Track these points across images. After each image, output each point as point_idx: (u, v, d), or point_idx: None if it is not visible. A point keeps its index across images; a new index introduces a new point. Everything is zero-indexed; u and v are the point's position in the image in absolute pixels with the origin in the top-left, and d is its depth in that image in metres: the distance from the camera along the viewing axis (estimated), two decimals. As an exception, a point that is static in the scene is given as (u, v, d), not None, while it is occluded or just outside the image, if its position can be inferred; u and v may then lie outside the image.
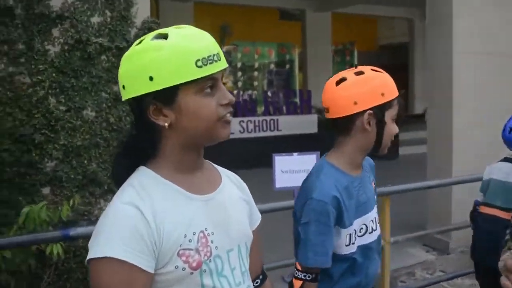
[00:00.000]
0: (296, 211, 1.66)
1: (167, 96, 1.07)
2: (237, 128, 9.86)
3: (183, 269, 1.07)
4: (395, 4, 13.48)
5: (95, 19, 3.18)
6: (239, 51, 15.16)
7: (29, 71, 3.02)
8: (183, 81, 1.06)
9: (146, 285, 1.04)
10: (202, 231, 1.12)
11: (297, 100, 11.28)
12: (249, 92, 12.07)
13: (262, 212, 1.44)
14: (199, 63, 1.06)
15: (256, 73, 15.81)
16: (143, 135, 1.14)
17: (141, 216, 1.04)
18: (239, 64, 15.29)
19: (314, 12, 12.93)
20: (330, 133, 1.77)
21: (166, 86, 1.06)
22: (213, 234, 1.14)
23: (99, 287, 1.01)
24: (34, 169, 3.01)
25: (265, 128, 10.15)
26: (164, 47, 1.07)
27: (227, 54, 14.99)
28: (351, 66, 1.75)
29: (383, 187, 3.30)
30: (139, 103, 1.10)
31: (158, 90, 1.06)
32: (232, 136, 6.26)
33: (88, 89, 3.15)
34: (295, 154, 4.09)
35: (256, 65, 15.67)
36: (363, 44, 16.58)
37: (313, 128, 10.47)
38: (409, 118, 12.27)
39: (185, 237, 1.08)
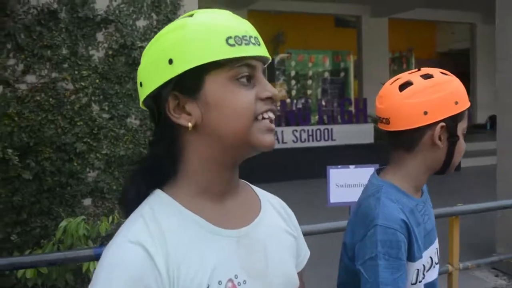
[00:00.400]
0: (350, 244, 1.33)
1: (191, 84, 0.83)
2: (290, 137, 9.61)
3: None
4: (456, 8, 12.86)
5: (141, 23, 3.03)
6: (293, 59, 14.95)
7: (73, 77, 2.90)
8: (210, 60, 0.81)
9: None
10: (230, 280, 0.84)
11: (352, 109, 10.89)
12: (303, 100, 11.78)
13: (312, 234, 1.15)
14: (231, 41, 0.82)
15: (310, 82, 15.53)
16: (160, 145, 0.88)
17: (150, 261, 0.78)
18: (292, 73, 15.08)
19: (370, 18, 12.54)
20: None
21: (189, 68, 0.81)
22: (245, 283, 0.86)
23: None
24: (75, 179, 2.87)
25: (319, 138, 9.83)
26: (189, 24, 0.84)
27: (280, 63, 14.85)
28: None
29: (450, 206, 2.95)
30: (156, 100, 0.86)
31: (180, 77, 0.82)
32: (284, 146, 6.07)
33: (132, 96, 2.99)
34: (351, 166, 3.78)
35: (310, 73, 15.39)
36: (422, 51, 15.92)
37: (369, 138, 10.05)
38: (471, 128, 11.62)
39: (208, 287, 0.82)
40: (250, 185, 1.03)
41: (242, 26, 0.85)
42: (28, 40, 2.81)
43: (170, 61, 0.82)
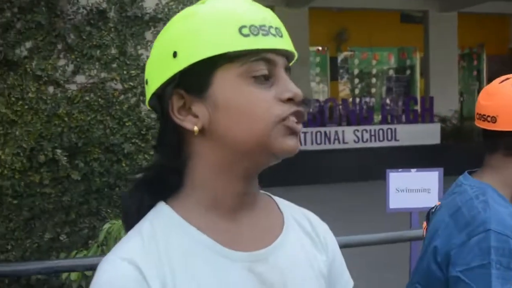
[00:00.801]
0: (443, 248, 1.23)
1: (198, 81, 0.71)
2: (351, 137, 9.35)
3: None
4: (533, 0, 12.04)
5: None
6: (356, 57, 14.61)
7: (121, 77, 2.86)
8: (218, 53, 0.69)
9: None
10: None
11: (418, 107, 10.43)
12: (366, 99, 11.44)
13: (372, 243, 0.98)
14: (245, 31, 0.70)
15: (374, 80, 15.11)
16: (164, 151, 0.77)
17: (143, 282, 0.67)
18: (356, 71, 14.74)
19: (438, 13, 11.98)
20: (457, 145, 1.31)
21: (194, 61, 0.70)
22: None
23: None
24: (123, 181, 2.83)
25: (381, 138, 9.49)
26: (199, 12, 0.72)
27: (343, 61, 14.55)
28: (479, 71, 1.31)
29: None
30: (161, 99, 0.74)
31: (185, 73, 0.71)
32: (345, 146, 5.84)
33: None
34: (413, 170, 3.53)
35: (374, 71, 14.98)
36: (493, 47, 15.03)
37: (435, 139, 9.59)
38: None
39: None
40: (273, 197, 0.88)
41: (261, 13, 0.73)
42: (78, 40, 2.80)
43: (175, 54, 0.71)
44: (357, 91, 14.60)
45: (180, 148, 0.75)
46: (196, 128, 0.72)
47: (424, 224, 1.42)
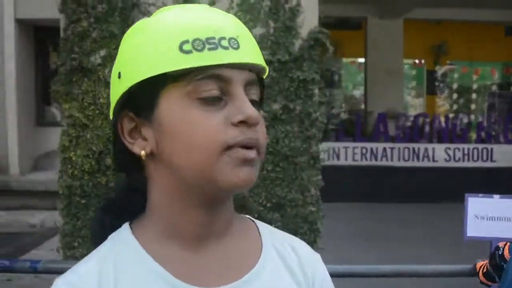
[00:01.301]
0: None
1: (143, 103, 0.66)
2: (441, 155, 8.84)
3: None
4: None
5: (257, 31, 2.93)
6: (456, 71, 13.88)
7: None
8: (155, 74, 0.63)
9: None
10: None
11: (522, 127, 9.64)
12: (461, 115, 10.79)
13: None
14: (187, 46, 0.62)
15: (474, 95, 14.26)
16: (125, 171, 0.73)
17: None
18: (455, 86, 14.00)
19: (548, 26, 11.03)
20: None
21: (133, 83, 0.65)
22: None
23: None
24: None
25: (475, 158, 8.87)
26: (143, 28, 0.67)
27: (442, 75, 13.91)
28: None
29: None
30: (115, 118, 0.70)
31: (132, 94, 0.66)
32: (435, 164, 5.49)
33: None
34: (495, 196, 3.23)
35: (475, 86, 14.13)
36: None
37: (537, 162, 8.79)
38: None
39: None
40: (257, 222, 0.80)
41: (211, 24, 0.64)
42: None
43: (119, 75, 0.67)
44: (455, 107, 13.86)
45: (137, 169, 0.71)
46: (143, 153, 0.67)
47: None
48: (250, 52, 0.66)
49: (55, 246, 2.95)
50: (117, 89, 0.68)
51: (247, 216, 0.81)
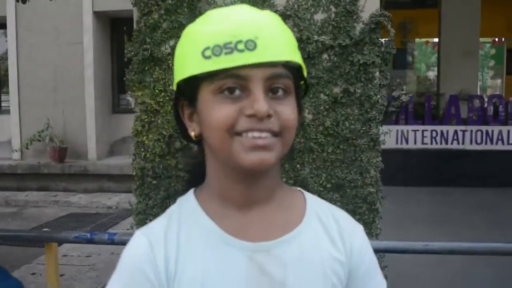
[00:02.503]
0: None
1: (188, 95, 0.83)
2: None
3: None
4: None
5: (319, 16, 2.99)
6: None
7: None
8: (187, 75, 0.78)
9: None
10: None
11: None
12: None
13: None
14: (207, 53, 0.75)
15: None
16: (188, 147, 0.91)
17: (150, 253, 0.81)
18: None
19: None
20: None
21: (178, 80, 0.82)
22: None
23: None
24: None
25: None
26: (186, 32, 0.83)
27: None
28: None
29: None
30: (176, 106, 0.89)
31: (182, 87, 0.83)
32: (509, 147, 5.35)
33: (307, 91, 2.98)
34: None
35: None
36: None
37: None
38: None
39: None
40: (306, 194, 0.92)
41: (229, 29, 0.75)
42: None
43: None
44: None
45: (199, 146, 0.88)
46: (192, 134, 0.83)
47: None
48: (270, 50, 0.75)
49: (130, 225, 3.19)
50: (174, 81, 0.84)
51: (298, 188, 0.93)
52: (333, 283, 0.85)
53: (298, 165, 3.00)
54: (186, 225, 0.84)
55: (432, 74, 13.30)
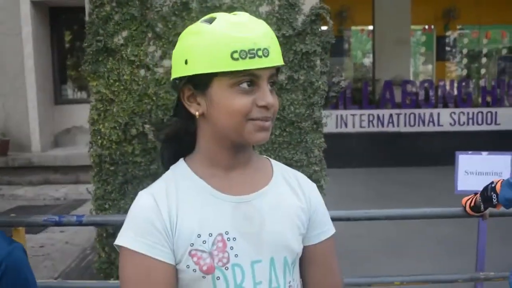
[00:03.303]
0: None
1: (201, 83, 1.01)
2: (447, 120, 9.09)
3: (194, 270, 1.00)
4: None
5: (264, 8, 3.22)
6: (465, 36, 13.90)
7: (202, 61, 3.21)
8: (214, 71, 0.98)
9: (168, 275, 1.00)
10: (220, 234, 1.01)
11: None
12: (465, 81, 10.93)
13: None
14: (236, 55, 0.96)
15: (484, 60, 14.29)
16: (180, 122, 1.10)
17: (156, 207, 1.01)
18: (465, 51, 14.04)
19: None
20: None
21: (197, 73, 0.99)
22: (234, 240, 1.02)
23: (122, 274, 1.02)
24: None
25: (480, 121, 9.11)
26: (204, 32, 1.00)
27: (452, 41, 13.95)
28: None
29: None
30: (177, 86, 1.06)
31: (193, 76, 1.01)
32: (440, 129, 5.82)
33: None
34: (484, 153, 3.53)
35: (485, 51, 14.14)
36: None
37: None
38: None
39: (198, 237, 1.00)
40: (271, 161, 1.16)
41: (252, 38, 0.98)
42: (165, 29, 3.19)
43: (186, 62, 1.01)
44: (465, 72, 13.94)
45: (191, 120, 1.08)
46: (197, 113, 1.04)
47: None
48: (275, 56, 1.01)
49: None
50: (183, 70, 1.02)
51: (265, 156, 1.19)
52: (297, 225, 1.11)
53: (248, 148, 3.23)
54: (181, 184, 1.05)
55: (367, 61, 13.84)
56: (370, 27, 11.72)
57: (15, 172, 8.11)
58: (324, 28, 3.25)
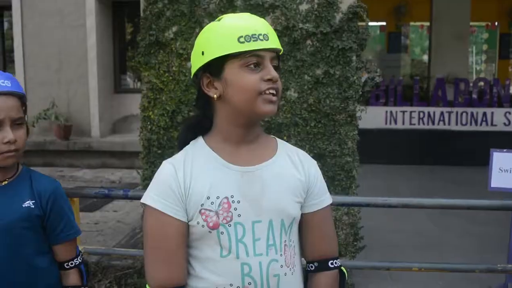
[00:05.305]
0: None
1: (215, 69, 1.23)
2: (501, 120, 8.89)
3: (202, 226, 1.22)
4: None
5: (303, 6, 3.40)
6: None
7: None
8: (225, 53, 1.20)
9: (179, 230, 1.23)
10: (226, 197, 1.23)
11: None
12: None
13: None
14: (242, 39, 1.19)
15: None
16: (201, 110, 1.32)
17: (174, 174, 1.24)
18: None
19: None
20: None
21: (212, 58, 1.22)
22: (238, 203, 1.24)
23: (144, 226, 1.27)
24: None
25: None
26: (215, 27, 1.25)
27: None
28: None
29: None
30: (197, 77, 1.29)
31: (209, 64, 1.23)
32: (494, 129, 5.81)
33: (292, 72, 3.41)
34: (519, 151, 3.55)
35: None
36: None
37: None
38: None
39: (208, 199, 1.23)
40: (277, 139, 1.38)
41: (253, 26, 1.23)
42: (211, 25, 3.43)
43: (202, 53, 1.26)
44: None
45: (209, 107, 1.30)
46: (215, 96, 1.26)
47: None
48: (274, 41, 1.25)
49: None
50: (200, 61, 1.26)
51: (272, 136, 1.41)
52: (294, 193, 1.32)
53: (285, 137, 3.43)
54: (197, 156, 1.28)
55: (426, 57, 13.63)
56: (429, 23, 11.55)
57: (75, 155, 8.67)
58: (361, 24, 3.39)
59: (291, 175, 1.32)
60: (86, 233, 5.02)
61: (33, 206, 1.62)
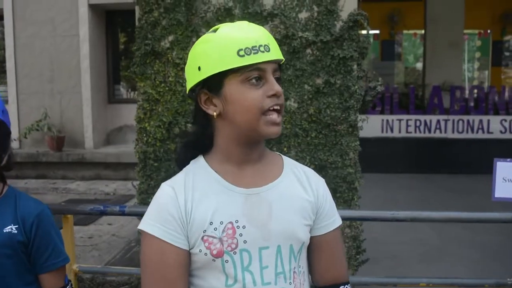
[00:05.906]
0: None
1: (214, 85, 1.13)
2: (497, 127, 8.86)
3: (205, 254, 1.13)
4: None
5: (303, 15, 3.32)
6: None
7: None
8: (225, 69, 1.10)
9: (178, 258, 1.13)
10: (231, 222, 1.13)
11: None
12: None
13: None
14: (241, 53, 1.09)
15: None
16: (199, 127, 1.22)
17: (175, 198, 1.14)
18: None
19: None
20: None
21: (211, 74, 1.12)
22: (244, 228, 1.14)
23: (142, 254, 1.16)
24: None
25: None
26: (211, 39, 1.14)
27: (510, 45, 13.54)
28: None
29: None
30: (193, 93, 1.18)
31: (207, 79, 1.13)
32: (490, 136, 5.74)
33: (292, 81, 3.33)
34: (523, 160, 3.48)
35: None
36: None
37: None
38: None
39: (210, 224, 1.13)
40: (283, 157, 1.28)
41: (253, 37, 1.11)
42: (208, 34, 3.35)
43: (199, 68, 1.15)
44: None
45: (208, 123, 1.20)
46: (214, 114, 1.16)
47: None
48: (275, 52, 1.14)
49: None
50: (197, 76, 1.15)
51: (278, 153, 1.30)
52: (303, 216, 1.22)
53: (285, 148, 3.35)
54: (198, 177, 1.18)
55: (420, 65, 13.65)
56: (423, 31, 11.57)
57: (68, 167, 8.54)
58: (363, 32, 3.32)
59: (299, 196, 1.22)
60: (80, 248, 4.90)
61: (15, 231, 1.50)
